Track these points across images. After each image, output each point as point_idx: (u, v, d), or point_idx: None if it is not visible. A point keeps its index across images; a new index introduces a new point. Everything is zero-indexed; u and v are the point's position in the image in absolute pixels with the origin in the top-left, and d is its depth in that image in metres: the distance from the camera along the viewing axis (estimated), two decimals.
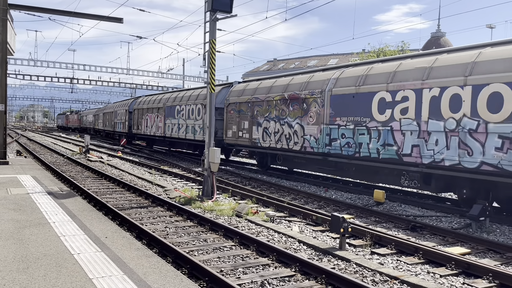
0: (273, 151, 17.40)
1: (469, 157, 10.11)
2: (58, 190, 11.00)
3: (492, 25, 34.49)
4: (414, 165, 11.48)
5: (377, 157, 12.47)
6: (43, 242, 6.15)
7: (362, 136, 13.03)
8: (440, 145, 10.76)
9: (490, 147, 9.69)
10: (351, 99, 13.43)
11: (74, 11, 18.17)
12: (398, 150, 11.86)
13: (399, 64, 12.36)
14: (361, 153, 12.98)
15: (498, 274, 6.13)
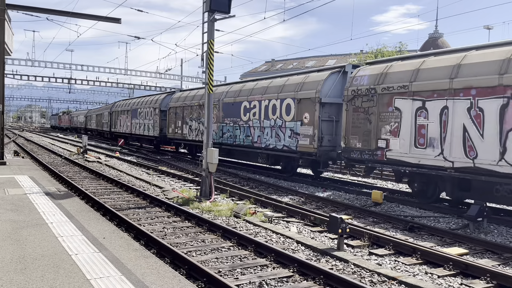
0: (195, 143, 23.54)
1: (279, 142, 16.80)
2: (55, 190, 10.98)
3: (490, 26, 34.60)
4: (259, 149, 17.99)
5: (243, 144, 18.96)
6: (41, 243, 6.13)
7: (236, 130, 19.54)
8: (269, 135, 17.41)
9: (287, 136, 16.39)
10: (232, 106, 19.99)
11: (72, 11, 18.15)
12: (252, 139, 18.40)
13: (256, 83, 19.27)
14: (237, 141, 19.44)
15: (496, 275, 6.14)
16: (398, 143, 11.93)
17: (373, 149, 12.65)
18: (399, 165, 12.00)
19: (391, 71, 12.49)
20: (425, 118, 11.28)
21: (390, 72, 12.50)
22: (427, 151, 11.11)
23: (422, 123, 11.35)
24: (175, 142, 27.72)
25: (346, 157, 13.69)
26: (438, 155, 10.87)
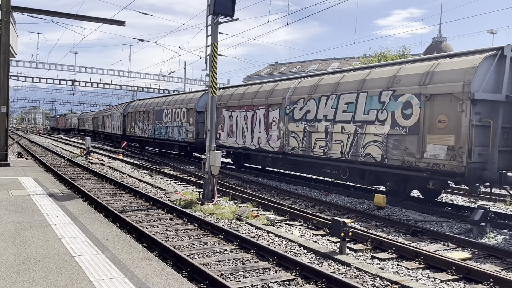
0: (144, 139, 32.51)
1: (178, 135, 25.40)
2: (59, 192, 11.01)
3: (494, 30, 34.54)
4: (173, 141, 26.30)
5: (168, 138, 27.29)
6: (44, 244, 6.16)
7: (162, 129, 28.28)
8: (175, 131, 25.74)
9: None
10: (160, 111, 29.20)
11: (76, 14, 18.24)
12: (167, 134, 27.08)
13: (172, 97, 28.78)
14: (162, 136, 28.36)
15: (499, 280, 6.12)
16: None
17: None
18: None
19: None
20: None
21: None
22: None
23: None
24: (131, 139, 33.99)
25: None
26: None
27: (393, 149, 11.81)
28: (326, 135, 14.18)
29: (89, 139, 26.89)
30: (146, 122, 32.38)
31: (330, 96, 14.13)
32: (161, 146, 30.86)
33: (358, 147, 12.93)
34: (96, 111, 63.69)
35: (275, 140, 16.72)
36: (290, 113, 15.96)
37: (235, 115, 19.57)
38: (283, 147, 16.26)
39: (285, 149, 16.16)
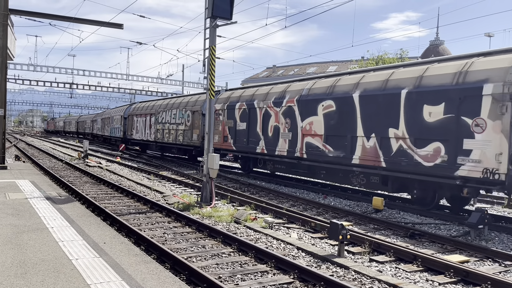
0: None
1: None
2: (56, 195, 10.98)
3: (491, 33, 34.70)
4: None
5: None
6: (41, 248, 6.13)
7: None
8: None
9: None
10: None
11: (74, 17, 18.25)
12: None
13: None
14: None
15: (497, 283, 6.12)
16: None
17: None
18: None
19: None
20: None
21: None
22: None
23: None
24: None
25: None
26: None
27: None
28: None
29: (87, 142, 26.84)
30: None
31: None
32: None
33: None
34: (80, 115, 77.82)
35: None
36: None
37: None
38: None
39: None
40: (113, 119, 41.16)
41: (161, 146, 29.65)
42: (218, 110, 20.83)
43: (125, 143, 35.69)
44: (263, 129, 17.57)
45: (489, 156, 9.51)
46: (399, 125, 11.72)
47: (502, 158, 9.26)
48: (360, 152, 12.93)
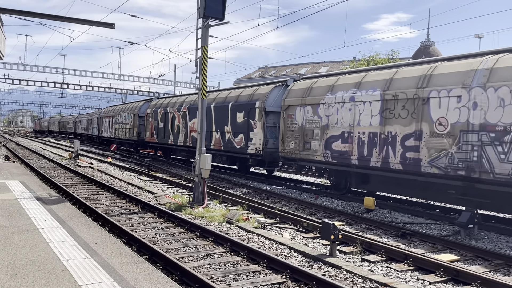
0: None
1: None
2: (47, 195, 10.89)
3: (481, 35, 35.04)
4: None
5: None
6: (32, 249, 6.08)
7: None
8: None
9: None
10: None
11: (65, 16, 18.09)
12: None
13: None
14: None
15: (486, 281, 6.19)
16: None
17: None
18: None
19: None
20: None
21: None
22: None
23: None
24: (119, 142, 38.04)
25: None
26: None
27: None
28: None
29: (78, 142, 26.65)
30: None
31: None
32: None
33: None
34: (62, 116, 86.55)
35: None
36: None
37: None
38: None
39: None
40: (92, 120, 48.36)
41: (118, 142, 35.87)
42: (148, 113, 28.74)
43: (98, 140, 42.30)
44: (172, 127, 25.25)
45: (257, 141, 17.31)
46: (228, 124, 19.50)
47: (261, 142, 17.06)
48: (213, 141, 20.71)
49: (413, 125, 11.29)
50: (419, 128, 11.15)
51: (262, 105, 17.23)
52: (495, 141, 9.51)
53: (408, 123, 11.44)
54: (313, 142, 14.58)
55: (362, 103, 12.75)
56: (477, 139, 9.91)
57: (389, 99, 11.95)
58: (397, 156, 11.66)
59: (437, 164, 10.70)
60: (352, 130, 13.07)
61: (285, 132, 15.81)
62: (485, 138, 9.72)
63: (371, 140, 12.47)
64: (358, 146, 12.84)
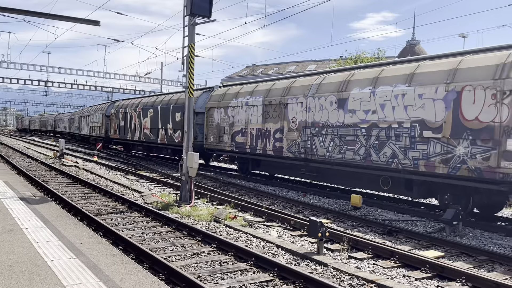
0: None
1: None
2: (31, 195, 10.72)
3: (465, 34, 35.55)
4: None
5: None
6: (15, 249, 5.98)
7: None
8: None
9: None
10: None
11: (49, 13, 17.81)
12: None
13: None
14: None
15: (470, 277, 6.28)
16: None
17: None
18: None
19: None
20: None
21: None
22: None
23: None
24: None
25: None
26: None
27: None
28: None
29: (63, 141, 26.29)
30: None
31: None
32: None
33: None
34: (42, 115, 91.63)
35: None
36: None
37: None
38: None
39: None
40: (74, 119, 51.41)
41: (93, 139, 39.51)
42: (112, 113, 32.70)
43: (80, 137, 46.05)
44: (130, 125, 29.10)
45: (201, 135, 20.73)
46: (170, 122, 23.19)
47: (205, 136, 19.96)
48: (160, 137, 24.33)
49: (279, 123, 15.54)
50: (282, 125, 15.38)
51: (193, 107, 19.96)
52: (318, 134, 13.82)
53: (277, 121, 15.71)
54: (224, 136, 18.74)
55: (252, 106, 16.92)
56: (310, 132, 14.16)
57: (267, 104, 16.24)
58: (271, 145, 15.97)
59: (291, 150, 15.01)
60: (246, 127, 17.29)
61: (207, 129, 19.98)
62: (314, 132, 14.00)
63: (257, 134, 16.68)
64: (250, 139, 17.01)
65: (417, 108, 10.82)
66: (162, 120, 24.27)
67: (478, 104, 9.56)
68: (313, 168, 14.43)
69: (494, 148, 9.22)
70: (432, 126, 10.47)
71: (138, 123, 27.56)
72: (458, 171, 9.86)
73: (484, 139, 9.40)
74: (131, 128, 28.77)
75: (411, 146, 10.91)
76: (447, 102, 10.17)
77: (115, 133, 31.94)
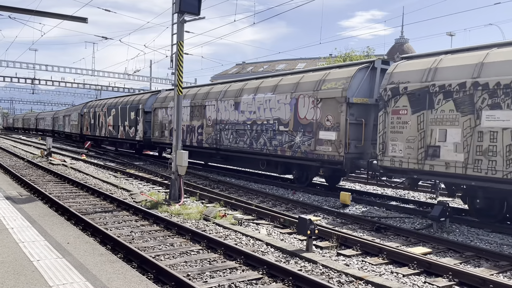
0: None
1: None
2: (17, 194, 10.58)
3: (452, 32, 35.87)
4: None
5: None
6: (0, 249, 5.89)
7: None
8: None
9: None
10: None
11: (35, 10, 17.56)
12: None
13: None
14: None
15: (457, 273, 6.35)
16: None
17: None
18: None
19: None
20: None
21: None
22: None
23: None
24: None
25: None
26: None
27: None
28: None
29: (50, 139, 25.98)
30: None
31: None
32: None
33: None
34: (25, 114, 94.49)
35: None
36: None
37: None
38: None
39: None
40: (58, 118, 53.61)
41: (74, 136, 43.22)
42: (85, 112, 36.95)
43: (64, 134, 48.76)
44: (98, 123, 32.98)
45: (141, 132, 25.14)
46: (127, 120, 27.49)
47: (142, 133, 24.42)
48: (120, 133, 28.75)
49: (201, 121, 19.62)
50: (202, 122, 19.46)
51: (143, 107, 25.43)
52: (223, 129, 17.96)
53: (199, 119, 19.78)
54: (165, 132, 22.68)
55: (184, 107, 19.43)
56: (219, 128, 18.24)
57: (193, 106, 20.36)
58: (196, 138, 19.97)
59: (208, 142, 19.02)
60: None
61: (154, 126, 23.98)
62: (221, 127, 18.10)
63: (187, 129, 20.60)
64: (183, 133, 20.06)
65: (277, 110, 15.04)
66: (121, 118, 28.54)
67: (306, 107, 13.85)
68: (222, 155, 18.49)
69: (313, 137, 13.56)
70: (284, 122, 14.79)
71: (104, 121, 31.78)
72: (296, 154, 14.21)
73: (309, 131, 13.75)
74: (99, 125, 33.00)
75: (273, 136, 15.23)
76: (291, 106, 14.41)
77: (87, 130, 36.48)
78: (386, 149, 11.19)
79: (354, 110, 12.67)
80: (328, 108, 13.06)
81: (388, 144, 11.12)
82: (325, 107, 13.16)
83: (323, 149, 13.20)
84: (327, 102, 13.09)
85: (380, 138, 11.35)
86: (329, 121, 13.03)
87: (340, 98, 12.67)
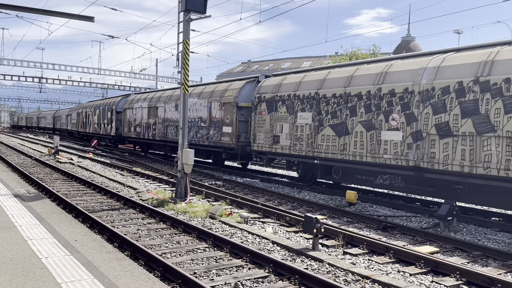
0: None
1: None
2: (25, 192, 10.67)
3: (460, 30, 35.61)
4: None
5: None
6: (9, 246, 5.95)
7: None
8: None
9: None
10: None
11: (43, 9, 17.66)
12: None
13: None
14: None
15: (465, 272, 6.32)
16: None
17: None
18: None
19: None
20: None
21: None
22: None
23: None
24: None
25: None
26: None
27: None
28: None
29: (58, 137, 26.15)
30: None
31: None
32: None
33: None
34: (28, 113, 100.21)
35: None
36: None
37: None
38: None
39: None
40: (61, 117, 57.26)
41: (76, 132, 46.33)
42: (79, 112, 42.10)
43: (66, 132, 52.05)
44: (88, 121, 38.41)
45: (113, 128, 31.40)
46: (106, 119, 32.56)
47: (114, 129, 31.27)
48: (101, 130, 33.69)
49: (155, 119, 24.61)
50: (156, 120, 24.48)
51: (115, 107, 30.88)
52: (168, 126, 23.05)
53: (154, 118, 24.79)
54: (131, 128, 28.02)
55: (144, 108, 25.99)
56: (165, 125, 23.32)
57: (150, 107, 25.42)
58: (151, 133, 25.10)
59: (159, 136, 24.09)
60: (141, 122, 26.55)
61: (123, 123, 29.32)
62: (167, 124, 23.08)
63: (145, 126, 25.77)
64: (143, 129, 26.17)
65: (200, 111, 20.01)
66: (102, 117, 33.96)
67: (216, 109, 18.85)
68: (168, 146, 23.53)
69: (219, 131, 18.46)
70: (203, 120, 19.69)
71: (92, 119, 37.39)
72: (211, 143, 19.05)
73: (217, 126, 18.62)
74: (88, 123, 38.72)
75: (198, 131, 20.13)
76: (208, 108, 19.41)
77: (81, 128, 42.33)
78: (255, 138, 16.47)
79: (243, 111, 17.48)
80: (228, 110, 18.05)
81: (256, 134, 16.45)
82: (226, 109, 18.17)
83: (224, 139, 18.12)
84: (227, 106, 18.09)
85: (252, 131, 16.75)
86: (228, 119, 17.99)
87: (233, 103, 17.67)
